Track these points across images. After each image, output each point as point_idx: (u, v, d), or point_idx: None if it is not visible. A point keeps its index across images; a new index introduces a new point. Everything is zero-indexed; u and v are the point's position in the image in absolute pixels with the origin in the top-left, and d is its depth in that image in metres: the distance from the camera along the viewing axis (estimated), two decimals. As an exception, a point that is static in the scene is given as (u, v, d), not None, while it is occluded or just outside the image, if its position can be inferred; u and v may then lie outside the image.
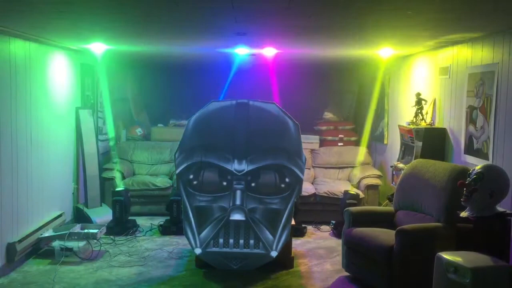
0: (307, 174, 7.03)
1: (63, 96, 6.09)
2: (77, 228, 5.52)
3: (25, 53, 5.06)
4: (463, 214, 3.79)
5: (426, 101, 5.58)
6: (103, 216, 6.40)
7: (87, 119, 6.66)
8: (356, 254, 4.52)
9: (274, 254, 4.58)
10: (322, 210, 6.58)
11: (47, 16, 3.85)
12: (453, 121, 5.11)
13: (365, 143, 7.63)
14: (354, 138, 7.97)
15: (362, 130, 7.89)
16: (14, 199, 4.83)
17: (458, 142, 4.97)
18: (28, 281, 4.56)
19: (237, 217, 4.67)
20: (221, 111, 5.00)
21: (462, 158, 4.85)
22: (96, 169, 6.76)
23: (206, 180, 4.88)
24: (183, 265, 5.04)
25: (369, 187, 6.64)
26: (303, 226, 6.18)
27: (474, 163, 4.36)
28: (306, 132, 6.92)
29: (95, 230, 5.39)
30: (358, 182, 6.83)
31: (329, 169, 7.47)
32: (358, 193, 6.36)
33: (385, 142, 7.30)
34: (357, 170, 7.15)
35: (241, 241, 4.62)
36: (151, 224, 6.43)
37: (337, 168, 7.46)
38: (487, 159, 4.31)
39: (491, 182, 3.62)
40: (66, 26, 4.41)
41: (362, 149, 7.50)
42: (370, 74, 7.75)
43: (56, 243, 5.14)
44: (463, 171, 4.16)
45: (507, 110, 4.06)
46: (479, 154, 4.49)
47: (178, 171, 4.91)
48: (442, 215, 4.24)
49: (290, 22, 4.02)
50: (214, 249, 4.60)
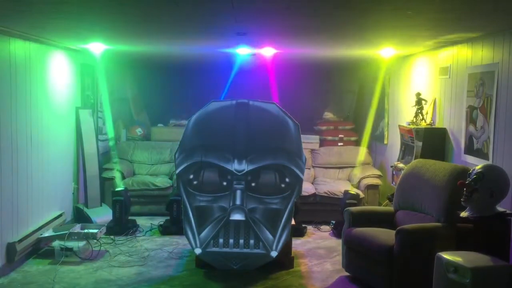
0: (307, 174, 7.03)
1: (63, 96, 6.09)
2: (77, 228, 5.52)
3: (25, 53, 5.06)
4: (463, 214, 3.79)
5: (426, 101, 5.58)
6: (103, 216, 6.40)
7: (87, 119, 6.66)
8: (356, 254, 4.52)
9: (274, 254, 4.59)
10: (322, 210, 6.58)
11: (47, 16, 3.85)
12: (453, 121, 5.11)
13: (365, 143, 7.62)
14: (354, 138, 7.96)
15: (362, 130, 7.89)
16: (14, 199, 4.83)
17: (458, 142, 4.97)
18: (28, 281, 4.56)
19: (237, 217, 4.66)
20: (221, 111, 4.99)
21: (462, 158, 4.85)
22: (96, 169, 6.76)
23: (206, 180, 4.88)
24: (183, 265, 5.04)
25: (369, 187, 6.65)
26: (303, 226, 6.18)
27: (474, 163, 4.36)
28: (306, 132, 6.91)
29: (95, 230, 5.39)
30: (358, 182, 6.83)
31: (329, 169, 7.47)
32: (358, 193, 6.36)
33: (385, 142, 7.29)
34: (357, 170, 7.16)
35: (241, 241, 4.62)
36: (151, 224, 6.43)
37: (337, 168, 7.46)
38: (487, 159, 4.31)
39: (491, 182, 3.62)
40: (66, 26, 4.41)
41: (362, 149, 7.50)
42: (371, 74, 7.74)
43: (56, 243, 5.14)
44: (463, 171, 4.17)
45: (507, 110, 4.06)
46: (479, 154, 4.49)
47: (178, 171, 4.91)
48: (442, 215, 4.25)
49: (291, 22, 4.02)
50: (214, 249, 4.60)
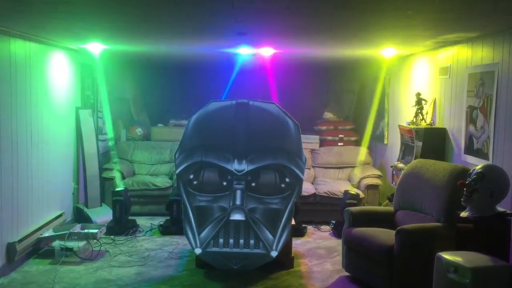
0: (307, 174, 7.03)
1: (63, 96, 6.09)
2: (77, 228, 5.52)
3: (25, 53, 5.06)
4: (463, 214, 3.79)
5: (426, 101, 5.57)
6: (103, 216, 6.40)
7: (87, 119, 6.66)
8: (356, 254, 4.52)
9: (274, 254, 4.59)
10: (322, 210, 6.58)
11: (47, 16, 3.85)
12: (453, 121, 5.11)
13: (366, 143, 7.61)
14: (354, 138, 7.96)
15: (362, 130, 7.88)
16: (14, 199, 4.83)
17: (458, 142, 4.97)
18: (28, 281, 4.56)
19: (237, 217, 4.66)
20: (221, 111, 4.99)
21: (462, 158, 4.85)
22: (96, 169, 6.76)
23: (206, 180, 4.88)
24: (183, 265, 5.04)
25: (369, 187, 6.65)
26: (303, 226, 6.18)
27: (474, 163, 4.36)
28: (306, 132, 6.91)
29: (95, 230, 5.39)
30: (358, 182, 6.83)
31: (329, 169, 7.47)
32: (358, 193, 6.36)
33: (385, 142, 7.29)
34: (357, 170, 7.16)
35: (241, 241, 4.62)
36: (151, 224, 6.43)
37: (337, 168, 7.46)
38: (487, 159, 4.31)
39: (491, 182, 3.62)
40: (66, 26, 4.41)
41: (363, 149, 7.50)
42: (371, 74, 7.74)
43: (56, 243, 5.14)
44: (463, 171, 4.17)
45: (507, 110, 4.06)
46: (479, 154, 4.49)
47: (178, 171, 4.91)
48: (442, 215, 4.24)
49: (291, 22, 4.02)
50: (214, 249, 4.60)
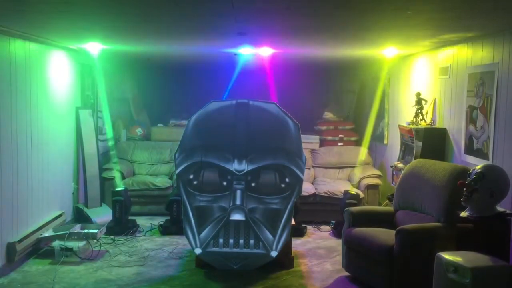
0: (307, 174, 7.03)
1: (63, 96, 6.09)
2: (77, 228, 5.52)
3: (25, 53, 5.06)
4: (463, 214, 3.79)
5: (426, 101, 5.57)
6: (103, 216, 6.40)
7: (87, 119, 6.66)
8: (356, 254, 4.52)
9: (274, 254, 4.58)
10: (322, 210, 6.57)
11: (47, 15, 3.85)
12: (453, 121, 5.11)
13: (366, 143, 7.60)
14: (354, 138, 7.96)
15: (362, 130, 7.88)
16: (14, 199, 4.83)
17: (458, 142, 4.97)
18: (28, 281, 4.56)
19: (237, 217, 4.66)
20: (221, 111, 4.99)
21: (462, 158, 4.85)
22: (96, 169, 6.76)
23: (206, 180, 4.88)
24: (183, 265, 5.04)
25: (369, 187, 6.65)
26: (303, 226, 6.18)
27: (474, 163, 4.36)
28: (306, 132, 6.90)
29: (95, 230, 5.39)
30: (358, 182, 6.83)
31: (329, 169, 7.47)
32: (358, 193, 6.36)
33: (385, 142, 7.29)
34: (357, 170, 7.16)
35: (241, 241, 4.62)
36: (151, 224, 6.43)
37: (337, 168, 7.46)
38: (487, 159, 4.31)
39: (491, 182, 3.62)
40: (66, 26, 4.41)
41: (363, 149, 7.49)
42: (371, 73, 7.74)
43: (56, 243, 5.14)
44: (463, 171, 4.17)
45: (507, 110, 4.06)
46: (479, 154, 4.49)
47: (178, 171, 4.91)
48: (442, 215, 4.24)
49: (291, 22, 4.02)
50: (214, 249, 4.60)
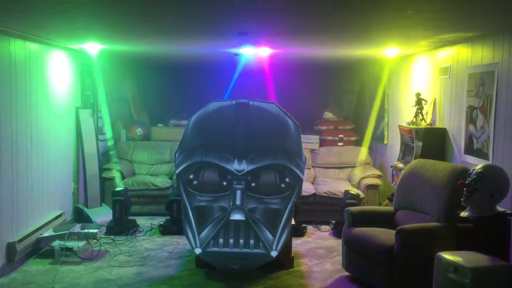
0: (307, 174, 7.03)
1: (63, 96, 6.09)
2: (77, 228, 5.52)
3: (25, 53, 5.06)
4: (463, 214, 3.79)
5: (426, 101, 5.58)
6: (103, 216, 6.40)
7: (87, 119, 6.66)
8: (356, 254, 4.52)
9: (274, 254, 4.58)
10: (322, 210, 6.57)
11: (47, 15, 3.85)
12: (453, 121, 5.11)
13: (367, 143, 7.59)
14: (354, 138, 7.95)
15: (362, 130, 7.88)
16: (14, 199, 4.83)
17: (458, 142, 4.97)
18: (28, 281, 4.56)
19: (237, 217, 4.66)
20: (221, 111, 4.99)
21: (462, 158, 4.85)
22: (96, 169, 6.76)
23: (206, 180, 4.88)
24: (183, 265, 5.04)
25: (369, 187, 6.65)
26: (303, 226, 6.18)
27: (474, 163, 4.36)
28: (306, 132, 6.90)
29: (95, 230, 5.39)
30: (358, 182, 6.83)
31: (329, 169, 7.47)
32: (358, 193, 6.36)
33: (385, 142, 7.29)
34: (357, 170, 7.16)
35: (241, 241, 4.62)
36: (151, 224, 6.43)
37: (337, 168, 7.46)
38: (487, 159, 4.31)
39: (491, 182, 3.62)
40: (66, 25, 4.41)
41: (363, 149, 7.49)
42: (371, 73, 7.74)
43: (56, 243, 5.14)
44: (463, 171, 4.17)
45: (507, 110, 4.06)
46: (479, 154, 4.49)
47: (178, 171, 4.91)
48: (442, 215, 4.24)
49: (291, 22, 4.02)
50: (214, 249, 4.60)
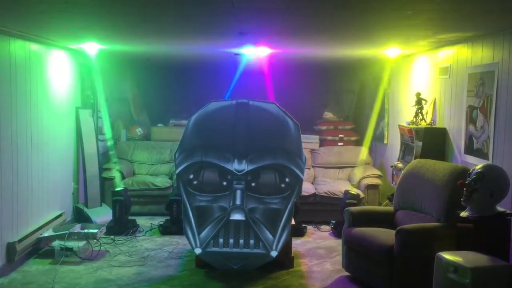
0: (307, 174, 7.03)
1: (63, 96, 6.09)
2: (77, 228, 5.52)
3: (25, 53, 5.06)
4: (463, 214, 3.79)
5: (426, 101, 5.58)
6: (103, 216, 6.40)
7: (87, 119, 6.66)
8: (356, 254, 4.52)
9: (274, 254, 4.58)
10: (322, 210, 6.57)
11: (47, 15, 3.85)
12: (453, 121, 5.11)
13: (367, 143, 7.58)
14: (354, 138, 7.95)
15: (362, 130, 7.88)
16: (14, 199, 4.83)
17: (458, 142, 4.97)
18: (28, 281, 4.56)
19: (237, 217, 4.66)
20: (221, 111, 4.99)
21: (462, 158, 4.85)
22: (96, 169, 6.76)
23: (206, 180, 4.88)
24: (183, 265, 5.04)
25: (369, 187, 6.65)
26: (303, 226, 6.18)
27: (474, 163, 4.36)
28: (306, 132, 6.90)
29: (95, 230, 5.39)
30: (358, 182, 6.83)
31: (329, 169, 7.47)
32: (358, 193, 6.36)
33: (385, 142, 7.29)
34: (357, 170, 7.16)
35: (241, 241, 4.62)
36: (151, 224, 6.43)
37: (337, 168, 7.46)
38: (487, 159, 4.31)
39: (491, 182, 3.62)
40: (66, 25, 4.41)
41: (363, 149, 7.49)
42: (371, 73, 7.74)
43: (56, 243, 5.14)
44: (463, 171, 4.17)
45: (507, 110, 4.06)
46: (479, 154, 4.49)
47: (178, 171, 4.91)
48: (442, 215, 4.24)
49: (291, 22, 4.02)
50: (214, 249, 4.60)
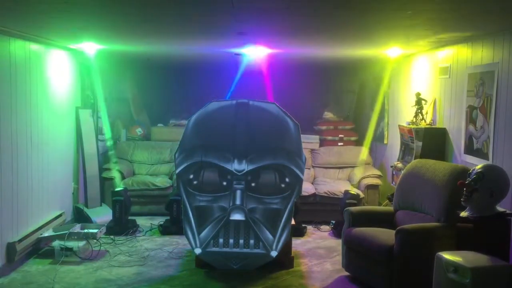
0: (307, 174, 7.03)
1: (63, 96, 6.09)
2: (77, 228, 5.52)
3: (25, 53, 5.06)
4: (463, 214, 3.79)
5: (426, 101, 5.58)
6: (103, 216, 6.40)
7: (87, 119, 6.66)
8: (356, 254, 4.52)
9: (274, 254, 4.58)
10: (322, 210, 6.57)
11: (47, 15, 3.85)
12: (453, 121, 5.11)
13: (368, 143, 7.57)
14: (354, 138, 7.95)
15: (362, 130, 7.87)
16: (14, 199, 4.83)
17: (458, 142, 4.97)
18: (28, 281, 4.56)
19: (237, 217, 4.66)
20: (221, 111, 4.99)
21: (462, 158, 4.85)
22: (96, 169, 6.76)
23: (206, 180, 4.88)
24: (183, 265, 5.04)
25: (369, 187, 6.65)
26: (303, 226, 6.18)
27: (474, 163, 4.36)
28: (306, 132, 6.91)
29: (95, 230, 5.39)
30: (358, 182, 6.83)
31: (329, 169, 7.47)
32: (358, 193, 6.36)
33: (385, 142, 7.29)
34: (357, 170, 7.16)
35: (241, 241, 4.62)
36: (151, 224, 6.43)
37: (337, 168, 7.46)
38: (487, 159, 4.31)
39: (491, 182, 3.62)
40: (65, 25, 4.41)
41: (363, 149, 7.49)
42: (371, 73, 7.74)
43: (56, 243, 5.14)
44: (463, 171, 4.17)
45: (507, 110, 4.06)
46: (479, 154, 4.49)
47: (178, 171, 4.91)
48: (442, 215, 4.24)
49: (291, 22, 4.02)
50: (214, 249, 4.60)
